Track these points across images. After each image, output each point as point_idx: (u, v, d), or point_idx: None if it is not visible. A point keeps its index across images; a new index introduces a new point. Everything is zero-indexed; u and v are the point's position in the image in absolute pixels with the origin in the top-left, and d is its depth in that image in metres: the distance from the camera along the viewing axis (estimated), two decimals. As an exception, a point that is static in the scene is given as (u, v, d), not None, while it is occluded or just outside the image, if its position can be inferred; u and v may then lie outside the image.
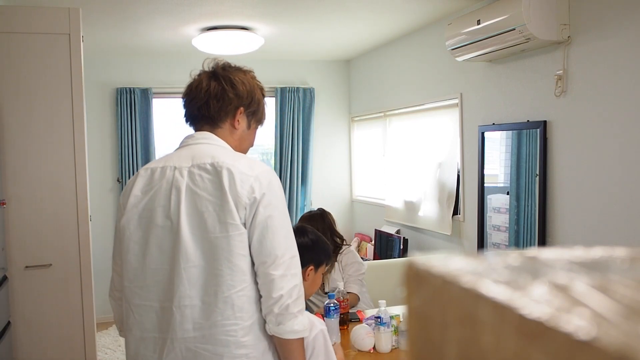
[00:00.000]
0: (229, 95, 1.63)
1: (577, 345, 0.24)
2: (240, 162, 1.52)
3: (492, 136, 3.71)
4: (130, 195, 1.56)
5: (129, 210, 1.55)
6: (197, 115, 1.65)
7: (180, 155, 1.58)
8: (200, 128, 1.65)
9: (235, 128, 1.66)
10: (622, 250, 0.35)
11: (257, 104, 1.71)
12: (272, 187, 1.51)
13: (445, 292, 0.33)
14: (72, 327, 3.02)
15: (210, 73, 1.69)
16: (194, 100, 1.64)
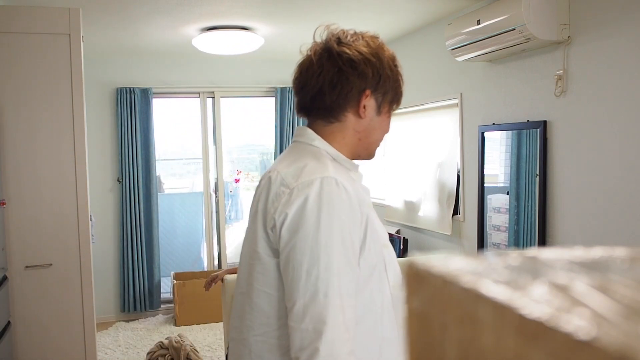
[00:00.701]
0: (349, 79, 1.25)
1: (577, 345, 0.24)
2: (291, 168, 1.22)
3: (492, 136, 3.71)
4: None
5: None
6: (310, 108, 1.31)
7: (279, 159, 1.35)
8: (313, 122, 1.33)
9: (362, 117, 1.28)
10: (622, 250, 0.35)
11: (388, 81, 1.29)
12: (305, 204, 1.15)
13: (445, 292, 0.33)
14: (72, 327, 3.02)
15: (322, 50, 1.29)
16: (305, 89, 1.31)
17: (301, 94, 1.33)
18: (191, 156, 6.28)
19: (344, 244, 1.13)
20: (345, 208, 1.15)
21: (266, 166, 6.65)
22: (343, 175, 1.21)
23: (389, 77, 1.29)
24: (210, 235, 5.79)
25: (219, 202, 5.79)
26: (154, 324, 5.30)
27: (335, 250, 1.12)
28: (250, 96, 5.89)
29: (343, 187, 1.16)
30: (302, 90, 1.32)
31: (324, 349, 1.07)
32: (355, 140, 1.30)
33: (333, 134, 1.29)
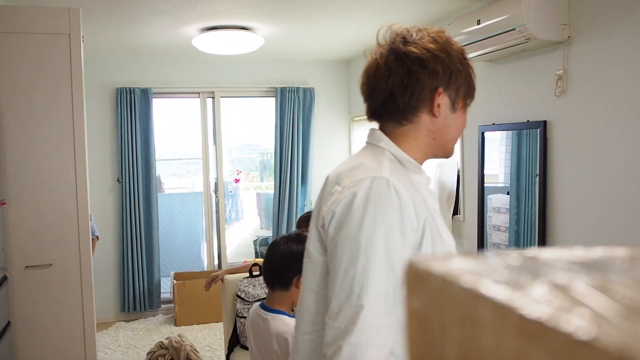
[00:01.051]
0: (419, 78, 1.20)
1: (577, 345, 0.24)
2: (347, 168, 1.21)
3: (492, 136, 3.71)
4: None
5: None
6: (382, 112, 1.25)
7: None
8: (384, 124, 1.27)
9: (436, 116, 1.24)
10: (622, 250, 0.35)
11: (460, 75, 1.25)
12: (351, 202, 1.12)
13: (445, 292, 0.33)
14: (72, 327, 3.02)
15: (388, 52, 1.22)
16: (375, 93, 1.24)
17: (371, 99, 1.26)
18: (191, 156, 6.28)
19: (387, 247, 1.09)
20: (394, 210, 1.11)
21: (266, 166, 6.65)
22: (401, 177, 1.17)
23: (460, 72, 1.25)
24: (210, 235, 5.79)
25: (219, 202, 5.80)
26: (154, 324, 5.30)
27: (376, 252, 1.09)
28: (250, 96, 5.89)
29: (394, 189, 1.12)
30: (372, 95, 1.25)
31: (347, 349, 1.06)
32: (429, 140, 1.26)
33: (405, 135, 1.25)
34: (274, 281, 2.15)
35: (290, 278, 2.12)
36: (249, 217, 6.88)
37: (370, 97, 1.26)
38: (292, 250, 2.14)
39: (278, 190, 5.76)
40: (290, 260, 2.12)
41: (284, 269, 2.13)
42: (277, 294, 2.14)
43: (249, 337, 2.24)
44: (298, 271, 2.13)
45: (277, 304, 2.13)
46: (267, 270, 2.19)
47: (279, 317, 2.07)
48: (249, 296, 3.14)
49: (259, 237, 6.27)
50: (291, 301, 2.15)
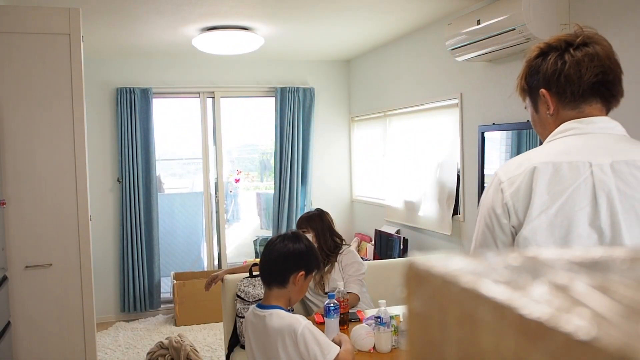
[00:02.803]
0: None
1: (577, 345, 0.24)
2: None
3: (492, 136, 3.71)
4: (533, 197, 1.21)
5: (534, 217, 1.20)
6: (601, 90, 1.33)
7: (586, 147, 1.25)
8: (591, 105, 1.33)
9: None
10: (622, 250, 0.35)
11: None
12: None
13: (445, 292, 0.33)
14: (72, 327, 3.02)
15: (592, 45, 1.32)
16: (596, 69, 1.30)
17: (590, 72, 1.32)
18: (191, 156, 6.28)
19: None
20: None
21: (266, 166, 6.65)
22: None
23: None
24: (210, 235, 5.79)
25: (219, 202, 5.80)
26: (154, 324, 5.30)
27: None
28: (250, 96, 5.89)
29: None
30: (591, 69, 1.32)
31: None
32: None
33: None
34: (271, 278, 2.17)
35: (287, 275, 2.15)
36: (249, 217, 6.87)
37: (590, 70, 1.31)
38: (289, 248, 2.18)
39: (278, 190, 5.75)
40: (287, 258, 2.17)
41: (281, 267, 2.16)
42: (274, 292, 2.17)
43: (247, 339, 2.25)
44: (295, 269, 2.16)
45: (274, 300, 2.15)
46: (264, 268, 2.22)
47: (274, 312, 2.08)
48: (249, 296, 3.14)
49: (259, 237, 6.27)
50: (288, 298, 2.17)
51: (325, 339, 2.03)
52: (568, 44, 1.30)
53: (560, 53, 1.30)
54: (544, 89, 1.32)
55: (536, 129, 1.42)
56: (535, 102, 1.37)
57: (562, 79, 1.29)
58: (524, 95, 1.41)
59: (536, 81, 1.34)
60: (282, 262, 2.16)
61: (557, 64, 1.29)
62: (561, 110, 1.32)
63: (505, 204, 1.24)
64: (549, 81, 1.31)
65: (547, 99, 1.32)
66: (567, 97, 1.30)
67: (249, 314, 2.23)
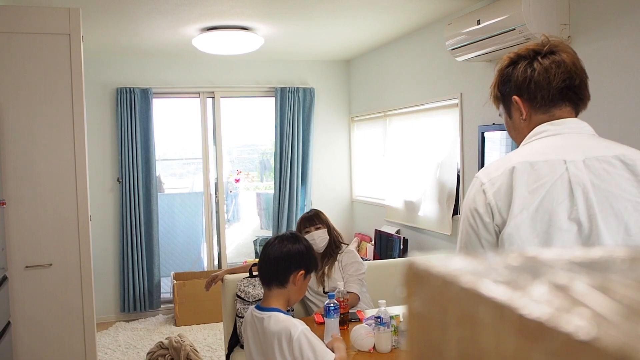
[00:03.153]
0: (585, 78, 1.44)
1: (577, 345, 0.24)
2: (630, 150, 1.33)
3: (492, 136, 3.71)
4: (514, 195, 1.27)
5: (516, 213, 1.26)
6: (568, 94, 1.41)
7: (560, 146, 1.33)
8: (561, 109, 1.41)
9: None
10: (622, 250, 0.35)
11: None
12: None
13: (445, 292, 0.33)
14: (72, 327, 3.02)
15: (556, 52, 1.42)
16: (563, 75, 1.38)
17: (556, 78, 1.40)
18: (191, 156, 6.28)
19: None
20: None
21: (266, 166, 6.65)
22: None
23: None
24: (210, 235, 5.79)
25: (219, 202, 5.79)
26: (154, 324, 5.30)
27: None
28: (250, 96, 5.89)
29: None
30: (558, 76, 1.40)
31: None
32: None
33: None
34: (272, 278, 2.18)
35: (287, 275, 2.17)
36: (248, 217, 6.87)
37: (558, 77, 1.39)
38: (289, 248, 2.21)
39: (278, 190, 5.75)
40: (287, 258, 2.18)
41: (281, 267, 2.17)
42: (274, 292, 2.17)
43: (246, 340, 2.26)
44: (295, 268, 2.16)
45: (273, 301, 2.16)
46: (264, 269, 2.23)
47: (273, 314, 2.09)
48: (249, 296, 3.14)
49: (259, 237, 6.27)
50: (287, 298, 2.18)
51: (321, 347, 2.03)
52: (536, 53, 1.40)
53: (529, 61, 1.39)
54: (516, 95, 1.40)
55: (510, 134, 1.50)
56: (509, 108, 1.45)
57: (532, 85, 1.38)
58: (498, 102, 1.50)
59: (508, 89, 1.43)
60: (283, 261, 2.17)
61: (527, 72, 1.38)
62: (533, 115, 1.40)
63: (488, 203, 1.31)
64: (520, 88, 1.39)
65: (520, 105, 1.40)
66: (538, 102, 1.38)
67: (248, 315, 2.23)
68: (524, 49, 1.42)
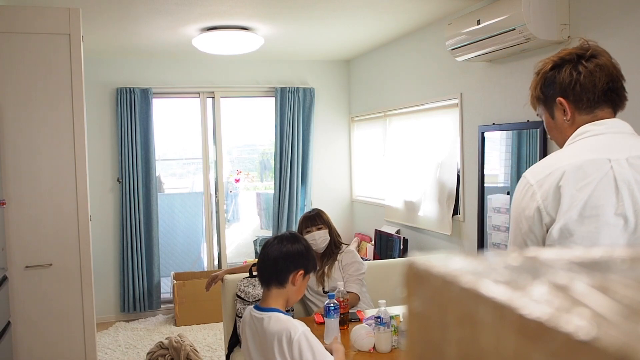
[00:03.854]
0: None
1: (577, 345, 0.24)
2: None
3: (492, 136, 3.71)
4: (562, 194, 1.34)
5: (565, 210, 1.34)
6: (612, 96, 1.49)
7: (603, 146, 1.40)
8: (603, 110, 1.48)
9: None
10: (622, 250, 0.35)
11: None
12: None
13: (445, 292, 0.33)
14: (72, 327, 3.02)
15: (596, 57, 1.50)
16: (606, 77, 1.47)
17: (600, 81, 1.48)
18: (191, 156, 6.28)
19: None
20: None
21: (266, 166, 6.65)
22: None
23: None
24: (210, 235, 5.79)
25: (219, 202, 5.79)
26: (154, 324, 5.30)
27: None
28: (250, 96, 5.89)
29: None
30: (604, 78, 1.48)
31: None
32: None
33: None
34: (270, 278, 2.18)
35: (286, 275, 2.17)
36: (248, 217, 6.87)
37: (602, 80, 1.48)
38: (289, 248, 2.21)
39: (278, 190, 5.75)
40: (286, 258, 2.19)
41: (280, 267, 2.17)
42: (273, 292, 2.17)
43: (244, 339, 2.26)
44: (294, 268, 2.17)
45: (272, 301, 2.16)
46: (263, 269, 2.23)
47: (273, 315, 2.09)
48: (249, 296, 3.14)
49: (259, 237, 6.27)
50: (286, 298, 2.18)
51: (320, 349, 2.03)
52: (579, 57, 1.47)
53: (574, 65, 1.47)
54: (561, 97, 1.48)
55: (552, 134, 1.57)
56: (551, 109, 1.52)
57: (578, 87, 1.45)
58: (538, 104, 1.57)
59: (552, 91, 1.50)
60: (282, 261, 2.18)
61: (572, 75, 1.46)
62: (577, 116, 1.47)
63: (537, 207, 1.38)
64: (566, 90, 1.47)
65: (565, 106, 1.48)
66: (584, 104, 1.46)
67: (246, 315, 2.23)
68: (566, 53, 1.50)
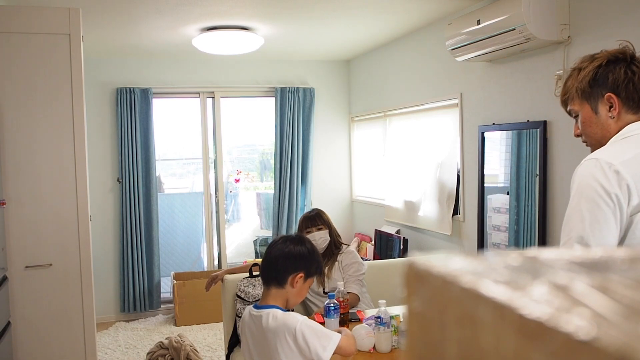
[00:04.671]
0: None
1: (577, 345, 0.24)
2: None
3: (492, 136, 3.71)
4: None
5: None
6: None
7: None
8: None
9: None
10: (622, 250, 0.35)
11: None
12: None
13: (445, 292, 0.33)
14: (72, 327, 3.02)
15: None
16: None
17: None
18: (191, 156, 6.28)
19: None
20: None
21: (266, 166, 6.65)
22: None
23: None
24: (210, 235, 5.78)
25: (219, 202, 5.79)
26: (154, 324, 5.30)
27: None
28: (250, 96, 5.89)
29: None
30: None
31: None
32: None
33: None
34: (270, 277, 2.18)
35: (286, 276, 2.17)
36: (248, 217, 6.87)
37: None
38: (290, 249, 2.20)
39: (278, 190, 5.75)
40: (287, 259, 2.19)
41: (281, 267, 2.17)
42: (272, 291, 2.18)
43: (244, 339, 2.26)
44: (294, 270, 2.16)
45: (271, 300, 2.16)
46: (264, 267, 2.24)
47: (270, 311, 2.08)
48: (249, 296, 3.14)
49: (259, 237, 6.27)
50: (285, 298, 2.18)
51: (324, 330, 2.04)
52: (631, 57, 1.51)
53: (627, 64, 1.50)
54: (612, 93, 1.49)
55: (590, 130, 1.56)
56: (596, 104, 1.53)
57: (631, 86, 1.48)
58: (579, 97, 1.56)
59: (603, 85, 1.51)
60: (282, 261, 2.17)
61: (627, 73, 1.49)
62: (624, 114, 1.50)
63: (627, 185, 1.35)
64: (619, 87, 1.49)
65: (615, 102, 1.49)
66: (634, 103, 1.49)
67: (246, 314, 2.23)
68: (618, 52, 1.52)
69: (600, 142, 1.52)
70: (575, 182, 1.43)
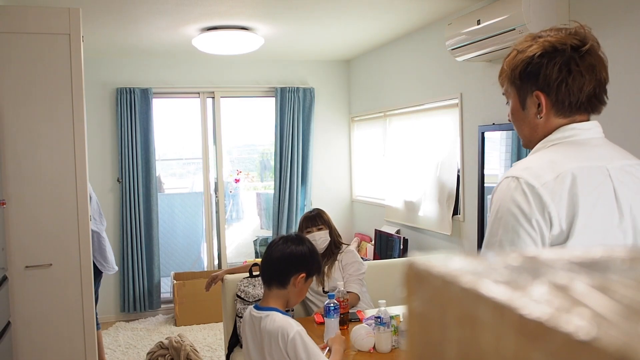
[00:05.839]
0: None
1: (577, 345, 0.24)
2: None
3: (492, 136, 3.71)
4: (579, 208, 1.20)
5: (580, 228, 1.20)
6: (594, 102, 1.32)
7: (596, 152, 1.29)
8: (581, 115, 1.33)
9: None
10: (622, 250, 0.35)
11: None
12: None
13: (445, 292, 0.33)
14: (72, 327, 3.02)
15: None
16: (595, 82, 1.29)
17: (588, 86, 1.31)
18: (191, 156, 6.28)
19: None
20: None
21: (266, 166, 6.65)
22: None
23: None
24: (210, 235, 5.78)
25: (219, 202, 5.79)
26: (154, 324, 5.30)
27: None
28: (250, 96, 5.89)
29: None
30: (590, 83, 1.31)
31: None
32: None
33: None
34: (272, 279, 2.18)
35: (288, 277, 2.16)
36: (249, 217, 6.87)
37: (589, 84, 1.30)
38: (292, 250, 2.19)
39: (278, 190, 5.75)
40: (289, 260, 2.18)
41: (282, 268, 2.16)
42: (273, 292, 2.17)
43: (245, 339, 2.26)
44: (296, 270, 2.16)
45: (272, 301, 2.16)
46: (265, 268, 2.23)
47: (271, 314, 2.08)
48: (249, 296, 3.14)
49: (259, 237, 6.27)
50: (287, 299, 2.18)
51: (314, 349, 2.02)
52: (573, 49, 1.28)
53: (565, 59, 1.27)
54: (541, 92, 1.30)
55: (517, 125, 1.42)
56: (524, 98, 1.35)
57: (563, 88, 1.28)
58: (509, 85, 1.39)
59: (533, 80, 1.31)
60: (284, 262, 2.17)
61: (562, 72, 1.27)
62: (552, 117, 1.32)
63: (549, 212, 1.20)
64: (550, 86, 1.29)
65: (542, 103, 1.31)
66: (565, 107, 1.30)
67: (247, 314, 2.23)
68: (558, 40, 1.28)
69: (530, 140, 1.38)
70: (494, 204, 1.27)
